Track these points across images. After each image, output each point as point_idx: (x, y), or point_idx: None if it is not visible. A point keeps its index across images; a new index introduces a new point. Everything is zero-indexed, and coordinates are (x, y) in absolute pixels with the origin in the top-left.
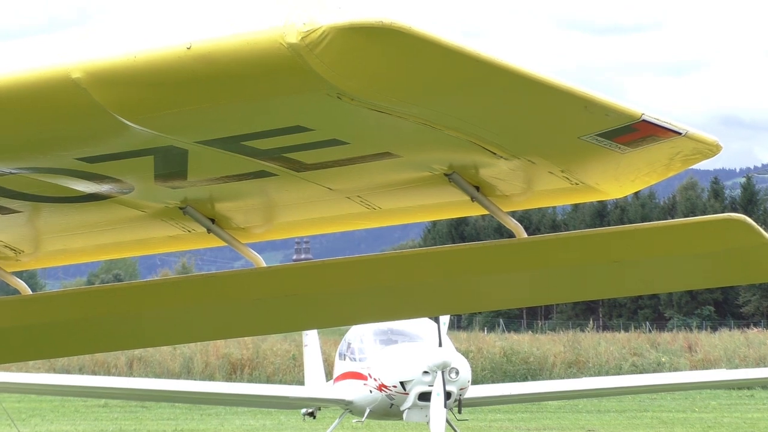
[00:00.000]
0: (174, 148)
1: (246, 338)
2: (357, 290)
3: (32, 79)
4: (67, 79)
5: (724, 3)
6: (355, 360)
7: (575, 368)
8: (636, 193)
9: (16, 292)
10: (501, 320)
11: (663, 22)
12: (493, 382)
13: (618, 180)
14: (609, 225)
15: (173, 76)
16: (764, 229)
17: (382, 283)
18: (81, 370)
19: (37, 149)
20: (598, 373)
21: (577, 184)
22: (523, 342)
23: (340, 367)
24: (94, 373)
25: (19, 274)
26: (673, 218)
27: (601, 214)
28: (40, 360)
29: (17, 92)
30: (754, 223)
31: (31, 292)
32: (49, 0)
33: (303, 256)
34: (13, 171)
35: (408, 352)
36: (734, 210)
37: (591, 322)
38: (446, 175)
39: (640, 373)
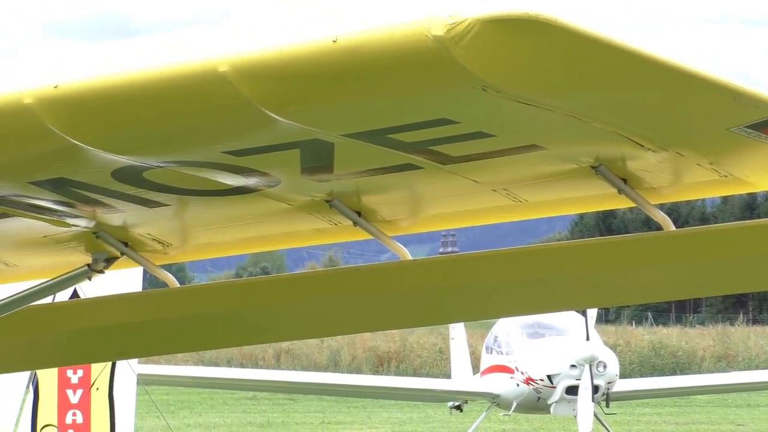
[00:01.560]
0: (320, 142)
1: (393, 331)
2: (503, 283)
3: (180, 72)
4: (214, 72)
5: None
6: (502, 353)
7: (724, 362)
8: None
9: (164, 285)
10: (649, 314)
11: None
12: (641, 376)
13: None
14: (759, 217)
15: (319, 69)
16: None
17: (529, 276)
18: (229, 363)
19: (185, 143)
20: (748, 367)
21: (725, 176)
22: (672, 335)
23: (486, 360)
24: (242, 365)
25: (167, 268)
26: None
27: (751, 206)
28: (189, 353)
29: (165, 86)
30: None
31: (179, 285)
32: None
33: (449, 249)
34: (161, 165)
35: (555, 345)
36: None
37: (741, 315)
38: (593, 167)
39: None
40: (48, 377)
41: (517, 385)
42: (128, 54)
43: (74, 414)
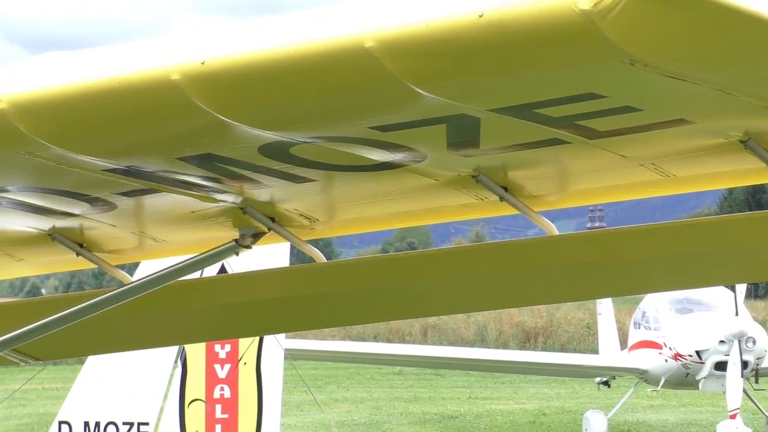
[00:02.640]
0: (466, 117)
1: (540, 306)
2: (652, 258)
3: (326, 48)
4: (361, 48)
5: None
6: (650, 329)
7: None
8: None
9: (311, 260)
10: None
11: None
12: None
13: None
14: None
15: (465, 44)
16: None
17: (678, 251)
18: (376, 338)
19: (331, 118)
20: None
21: None
22: None
23: (634, 335)
24: (388, 340)
25: (314, 243)
26: None
27: None
28: (336, 328)
29: (312, 62)
30: None
31: (325, 260)
32: None
33: (597, 224)
34: (307, 140)
35: (704, 321)
36: None
37: None
38: (741, 141)
39: None
40: (196, 352)
41: (666, 360)
42: (274, 30)
43: (222, 388)
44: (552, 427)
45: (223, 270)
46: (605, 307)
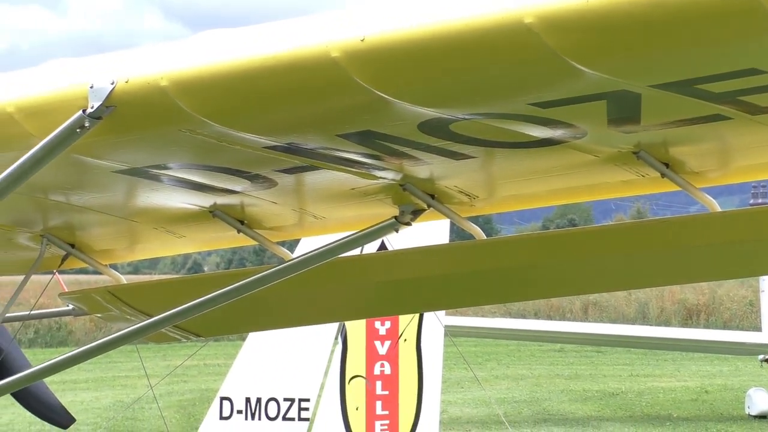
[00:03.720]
0: (627, 93)
1: (702, 284)
2: None
3: (486, 24)
4: (520, 24)
5: None
6: None
7: None
8: None
9: (470, 237)
10: None
11: None
12: None
13: None
14: None
15: (626, 20)
16: None
17: None
18: (536, 315)
19: (491, 95)
20: None
21: None
22: None
23: None
24: (549, 317)
25: (473, 220)
26: None
27: None
28: (496, 305)
29: (471, 37)
30: None
31: (485, 237)
32: None
33: (760, 201)
34: (467, 117)
35: None
36: None
37: None
38: None
39: None
40: (356, 328)
41: None
42: (434, 6)
43: (382, 365)
44: (714, 404)
45: (383, 247)
46: None
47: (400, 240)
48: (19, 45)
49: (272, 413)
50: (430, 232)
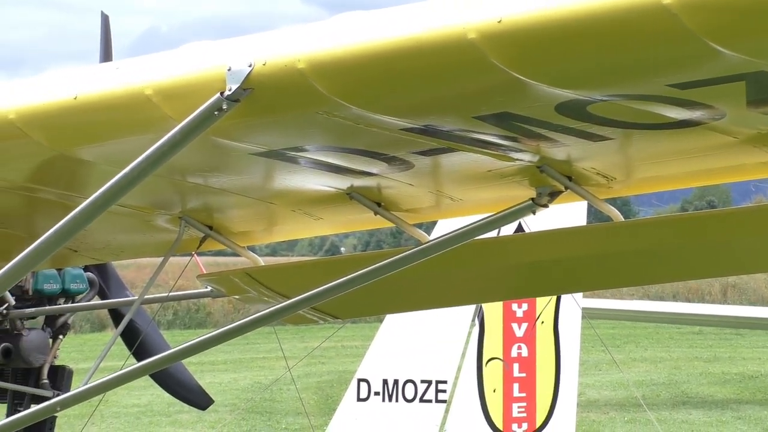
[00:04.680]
0: (766, 74)
1: None
2: None
3: (621, 5)
4: (659, 5)
5: None
6: None
7: None
8: None
9: (608, 219)
10: None
11: None
12: None
13: None
14: None
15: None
16: None
17: None
18: (675, 297)
19: (629, 76)
20: None
21: None
22: None
23: None
24: (687, 300)
25: (611, 201)
26: None
27: None
28: (634, 287)
29: (608, 19)
30: None
31: (623, 219)
32: None
33: None
34: (605, 98)
35: None
36: None
37: None
38: None
39: None
40: (493, 311)
41: None
42: None
43: (519, 347)
44: None
45: (519, 229)
46: None
47: (537, 222)
48: (158, 27)
49: (409, 395)
50: (567, 214)
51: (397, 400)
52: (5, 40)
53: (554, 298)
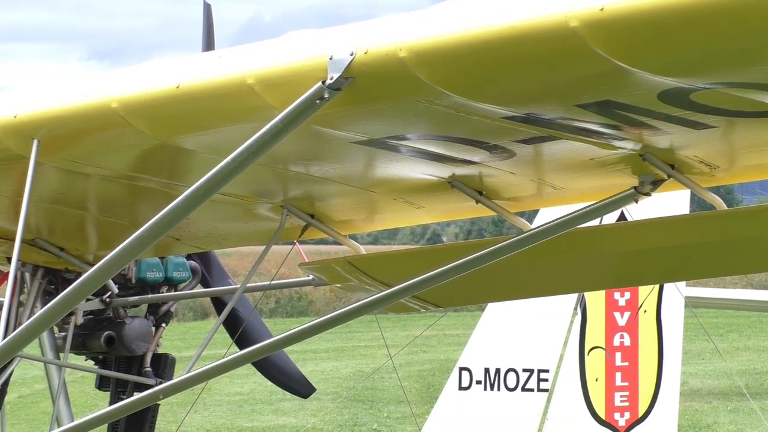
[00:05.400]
0: None
1: None
2: None
3: None
4: None
5: None
6: None
7: None
8: None
9: (711, 207)
10: None
11: None
12: None
13: None
14: None
15: None
16: None
17: None
18: None
19: (728, 64)
20: None
21: None
22: None
23: None
24: None
25: (714, 190)
26: None
27: None
28: (737, 275)
29: (711, 8)
30: None
31: (726, 208)
32: None
33: None
34: (708, 86)
35: None
36: None
37: None
38: None
39: None
40: (596, 299)
41: None
42: None
43: (621, 336)
44: None
45: (622, 217)
46: None
47: (639, 210)
48: (261, 16)
49: (511, 384)
50: (669, 202)
51: (498, 389)
52: (109, 29)
53: (657, 286)
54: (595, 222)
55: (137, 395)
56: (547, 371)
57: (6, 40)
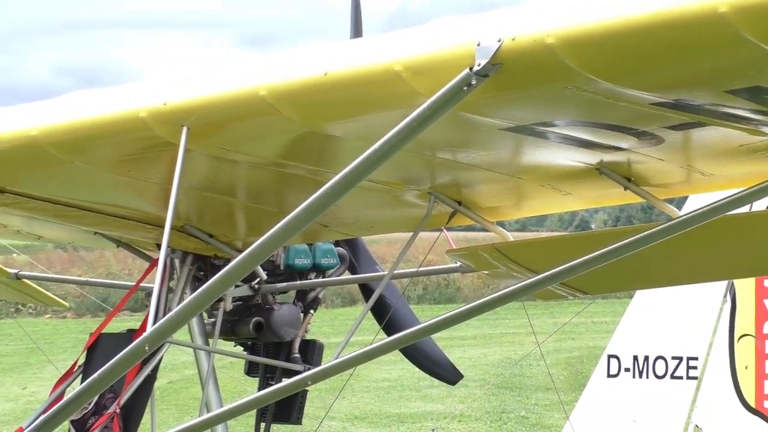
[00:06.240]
0: None
1: None
2: None
3: None
4: None
5: None
6: None
7: None
8: None
9: None
10: None
11: None
12: None
13: None
14: None
15: None
16: None
17: None
18: None
19: None
20: None
21: None
22: None
23: None
24: None
25: None
26: None
27: None
28: None
29: None
30: None
31: None
32: None
33: None
34: None
35: None
36: None
37: None
38: None
39: None
40: (745, 286)
41: None
42: None
43: None
44: None
45: None
46: None
47: None
48: (409, 4)
49: (660, 371)
50: None
51: (647, 377)
52: (257, 16)
53: None
54: (745, 209)
55: (285, 381)
56: (696, 359)
57: (155, 27)
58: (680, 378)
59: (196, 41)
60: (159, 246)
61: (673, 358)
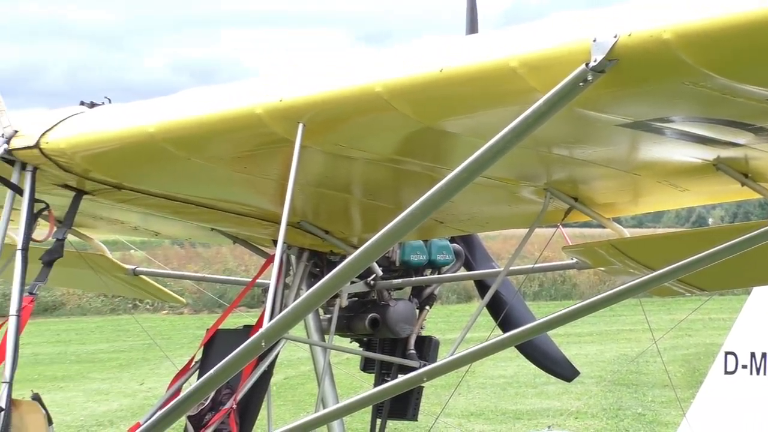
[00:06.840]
0: None
1: None
2: None
3: None
4: None
5: None
6: None
7: None
8: None
9: None
10: None
11: None
12: None
13: None
14: None
15: None
16: None
17: None
18: None
19: None
20: None
21: None
22: None
23: None
24: None
25: None
26: None
27: None
28: None
29: None
30: None
31: None
32: None
33: None
34: None
35: None
36: None
37: None
38: None
39: None
40: None
41: None
42: None
43: None
44: None
45: None
46: None
47: None
48: None
49: None
50: None
51: (765, 374)
52: (372, 12)
53: None
54: None
55: (401, 377)
56: None
57: (272, 25)
58: None
59: (313, 38)
60: (275, 242)
61: None
